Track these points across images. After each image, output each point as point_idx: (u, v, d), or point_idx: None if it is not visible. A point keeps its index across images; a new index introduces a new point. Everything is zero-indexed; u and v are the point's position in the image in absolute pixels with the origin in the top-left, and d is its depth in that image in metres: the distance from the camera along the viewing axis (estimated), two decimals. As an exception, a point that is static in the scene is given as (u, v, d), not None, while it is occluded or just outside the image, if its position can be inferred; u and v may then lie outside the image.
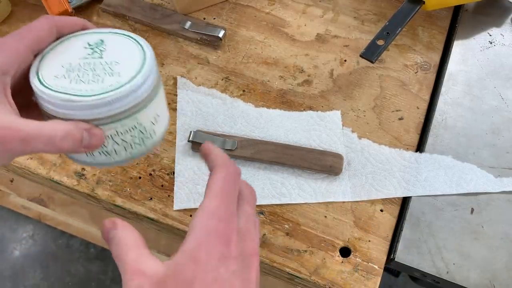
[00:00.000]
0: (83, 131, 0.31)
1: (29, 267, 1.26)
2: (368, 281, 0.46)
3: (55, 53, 0.35)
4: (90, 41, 0.36)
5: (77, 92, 0.31)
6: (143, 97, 0.33)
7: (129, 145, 0.36)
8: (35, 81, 0.32)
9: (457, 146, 0.52)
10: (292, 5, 0.62)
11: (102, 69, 0.34)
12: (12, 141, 0.28)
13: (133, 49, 0.35)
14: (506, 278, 0.46)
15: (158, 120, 0.37)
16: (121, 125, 0.34)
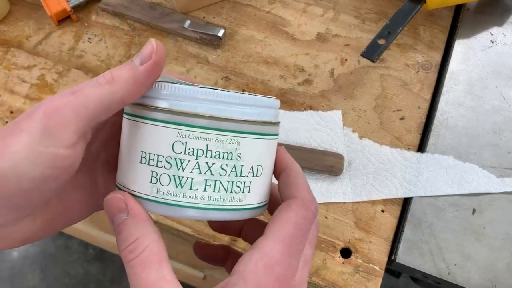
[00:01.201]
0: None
1: (27, 268, 1.26)
2: (369, 282, 0.45)
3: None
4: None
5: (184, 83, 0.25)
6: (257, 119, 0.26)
7: (213, 184, 0.25)
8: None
9: (458, 146, 0.52)
10: (293, 4, 0.62)
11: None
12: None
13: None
14: (507, 279, 0.45)
15: (260, 176, 0.27)
16: (216, 140, 0.25)
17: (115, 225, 0.24)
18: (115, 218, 0.24)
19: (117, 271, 1.24)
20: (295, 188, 0.27)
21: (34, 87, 0.57)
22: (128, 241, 0.23)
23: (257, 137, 0.26)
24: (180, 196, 0.25)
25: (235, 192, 0.26)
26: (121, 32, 0.60)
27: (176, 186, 0.25)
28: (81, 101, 0.22)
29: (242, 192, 0.26)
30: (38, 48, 0.59)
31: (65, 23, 0.61)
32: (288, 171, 0.28)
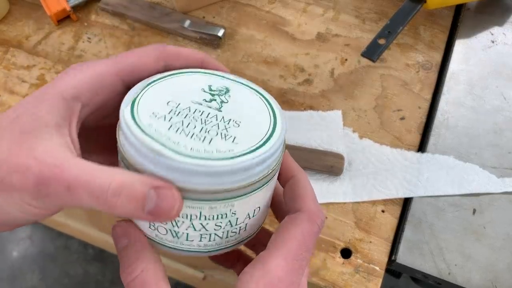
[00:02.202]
0: (150, 189, 0.21)
1: (27, 268, 1.26)
2: (369, 283, 0.45)
3: (164, 85, 0.26)
4: (212, 84, 0.27)
5: (171, 145, 0.22)
6: (251, 181, 0.24)
7: (208, 236, 0.26)
8: (126, 110, 0.24)
9: (459, 146, 0.51)
10: (293, 4, 0.61)
11: (216, 125, 0.24)
12: (54, 184, 0.21)
13: (262, 112, 0.26)
14: (508, 279, 0.45)
15: (257, 214, 0.27)
16: (209, 208, 0.24)
17: (118, 250, 0.25)
18: (118, 243, 0.25)
19: (116, 271, 1.24)
20: (302, 200, 0.26)
21: (33, 87, 0.57)
22: (127, 264, 0.24)
23: (252, 194, 0.25)
24: (178, 244, 0.26)
25: (231, 236, 0.27)
26: (121, 32, 0.60)
27: (173, 237, 0.26)
28: None
29: (238, 234, 0.27)
30: (38, 48, 0.59)
31: (64, 23, 0.61)
32: (296, 180, 0.27)
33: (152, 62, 0.26)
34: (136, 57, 0.26)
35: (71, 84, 0.24)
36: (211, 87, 0.27)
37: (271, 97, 0.28)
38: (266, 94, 0.28)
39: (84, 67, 0.25)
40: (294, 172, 0.27)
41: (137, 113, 0.24)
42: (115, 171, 0.22)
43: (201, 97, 0.26)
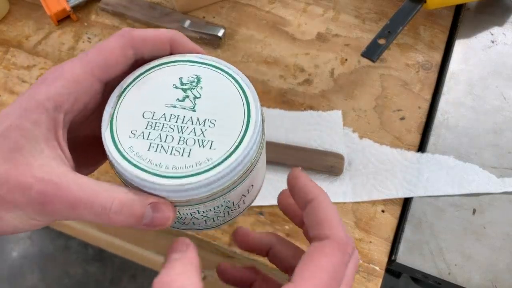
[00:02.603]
0: (147, 206, 0.24)
1: (27, 268, 1.26)
2: (369, 283, 0.45)
3: (136, 92, 0.26)
4: (183, 76, 0.27)
5: (153, 168, 0.24)
6: (238, 176, 0.25)
7: (211, 219, 0.29)
8: (106, 135, 0.25)
9: (459, 146, 0.51)
10: (293, 4, 0.61)
11: (192, 132, 0.25)
12: (57, 203, 0.22)
13: (234, 100, 0.26)
14: (508, 279, 0.45)
15: (251, 189, 0.29)
16: (204, 206, 0.26)
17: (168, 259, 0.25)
18: (173, 254, 0.25)
19: (116, 271, 1.24)
20: (327, 226, 0.25)
21: (33, 87, 0.56)
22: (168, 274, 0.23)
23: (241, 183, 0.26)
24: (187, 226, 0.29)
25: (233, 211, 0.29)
26: (121, 32, 0.60)
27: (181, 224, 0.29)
28: None
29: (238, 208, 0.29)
30: (38, 48, 0.59)
31: (64, 23, 0.61)
32: (317, 204, 0.26)
33: (121, 53, 0.26)
34: (105, 52, 0.26)
35: (50, 94, 0.24)
36: (182, 80, 0.27)
37: (242, 77, 0.27)
38: (237, 75, 0.27)
39: (60, 73, 0.25)
40: (313, 194, 0.26)
41: (117, 135, 0.25)
42: (114, 190, 0.23)
43: (174, 97, 0.26)
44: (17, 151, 0.23)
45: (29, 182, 0.22)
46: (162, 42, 0.27)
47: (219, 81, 0.27)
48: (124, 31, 0.26)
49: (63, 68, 0.25)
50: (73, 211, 0.22)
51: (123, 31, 0.27)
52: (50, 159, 0.23)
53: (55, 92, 0.24)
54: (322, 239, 0.24)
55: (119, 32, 0.26)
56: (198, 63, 0.28)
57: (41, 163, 0.23)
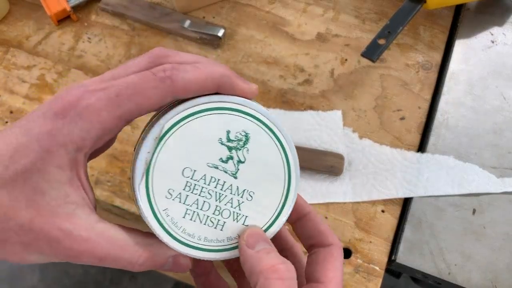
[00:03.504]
0: (169, 258, 0.25)
1: (26, 268, 1.26)
2: (369, 283, 0.45)
3: (177, 140, 0.24)
4: (231, 130, 0.25)
5: (186, 238, 0.24)
6: None
7: None
8: (141, 189, 0.23)
9: (459, 146, 0.51)
10: (293, 4, 0.61)
11: (229, 203, 0.25)
12: (85, 257, 0.23)
13: (276, 172, 0.26)
14: (508, 279, 0.45)
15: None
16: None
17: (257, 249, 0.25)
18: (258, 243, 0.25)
19: (116, 271, 1.24)
20: (329, 234, 0.28)
21: (33, 87, 0.57)
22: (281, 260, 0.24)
23: None
24: None
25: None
26: (121, 32, 0.60)
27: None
28: None
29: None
30: (38, 48, 0.59)
31: (65, 23, 0.61)
32: (313, 216, 0.29)
33: (158, 102, 0.23)
34: (140, 97, 0.23)
35: (74, 136, 0.22)
36: (229, 135, 0.25)
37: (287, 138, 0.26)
38: (283, 136, 0.26)
39: (83, 111, 0.22)
40: (308, 208, 0.29)
41: (152, 191, 0.24)
42: (140, 244, 0.24)
43: (217, 156, 0.24)
44: (40, 196, 0.22)
45: (56, 236, 0.22)
46: (208, 88, 0.25)
47: (265, 144, 0.25)
48: (165, 74, 0.23)
49: (88, 107, 0.23)
50: (100, 263, 0.23)
51: (165, 75, 0.23)
52: (76, 205, 0.23)
53: (78, 135, 0.23)
54: (327, 245, 0.28)
55: (160, 74, 0.23)
56: (249, 115, 0.25)
57: (67, 212, 0.22)
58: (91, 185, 0.25)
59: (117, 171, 0.51)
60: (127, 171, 0.51)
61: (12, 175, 0.22)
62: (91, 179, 0.51)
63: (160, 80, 0.23)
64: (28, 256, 0.23)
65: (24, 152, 0.22)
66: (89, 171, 0.51)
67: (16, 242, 0.22)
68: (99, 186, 0.50)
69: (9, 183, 0.22)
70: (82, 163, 0.23)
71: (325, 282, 0.26)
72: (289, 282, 0.24)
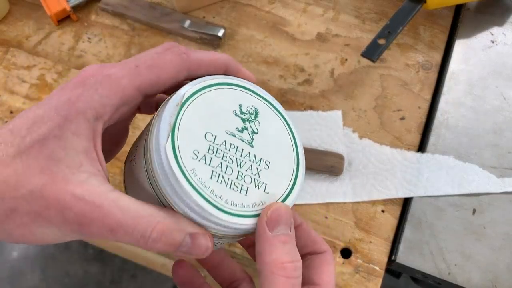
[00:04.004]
0: (186, 236, 0.23)
1: (27, 268, 1.26)
2: (369, 283, 0.45)
3: (197, 107, 0.25)
4: (243, 104, 0.27)
5: (214, 199, 0.23)
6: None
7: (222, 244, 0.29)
8: (168, 149, 0.23)
9: (459, 146, 0.51)
10: (293, 4, 0.61)
11: (249, 169, 0.25)
12: (97, 226, 0.21)
13: (286, 144, 0.28)
14: (508, 279, 0.45)
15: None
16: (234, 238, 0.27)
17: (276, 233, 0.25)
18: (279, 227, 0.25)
19: (116, 271, 1.24)
20: (322, 242, 0.30)
21: (33, 87, 0.57)
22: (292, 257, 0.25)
23: None
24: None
25: None
26: (121, 32, 0.60)
27: None
28: None
29: None
30: (38, 48, 0.59)
31: (64, 23, 0.61)
32: (306, 226, 0.30)
33: (175, 75, 0.25)
34: (158, 70, 0.25)
35: (93, 103, 0.23)
36: (241, 108, 0.27)
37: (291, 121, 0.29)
38: (288, 118, 0.28)
39: (104, 79, 0.23)
40: (298, 220, 0.30)
41: (179, 152, 0.23)
42: (154, 215, 0.22)
43: (234, 125, 0.26)
44: (54, 163, 0.21)
45: (68, 201, 0.21)
46: (217, 67, 0.27)
47: (273, 119, 0.28)
48: (181, 50, 0.25)
49: (109, 75, 0.23)
50: (111, 235, 0.22)
51: (180, 51, 0.25)
52: (89, 174, 0.22)
53: (98, 101, 0.23)
54: (321, 252, 0.30)
55: (176, 50, 0.25)
56: (256, 94, 0.28)
57: (81, 179, 0.22)
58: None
59: (117, 171, 0.51)
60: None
61: (28, 144, 0.21)
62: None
63: (177, 54, 0.25)
64: (35, 228, 0.22)
65: (41, 121, 0.22)
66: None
67: (25, 211, 0.21)
68: (99, 186, 0.50)
69: (25, 151, 0.21)
70: (99, 134, 0.23)
71: (321, 285, 0.28)
72: (293, 280, 0.24)
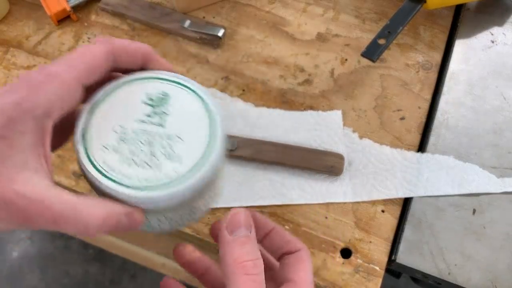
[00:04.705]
0: (121, 216, 0.26)
1: (27, 268, 1.26)
2: (369, 283, 0.45)
3: (107, 106, 0.29)
4: (151, 92, 0.29)
5: (126, 181, 0.26)
6: (203, 187, 0.28)
7: (176, 222, 0.31)
8: (80, 149, 0.27)
9: (459, 146, 0.51)
10: (293, 4, 0.61)
11: (161, 146, 0.28)
12: (40, 220, 0.24)
13: (199, 116, 0.29)
14: (508, 279, 0.45)
15: (214, 195, 0.32)
16: (172, 212, 0.29)
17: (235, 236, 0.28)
18: (238, 230, 0.28)
19: (116, 271, 1.24)
20: (296, 242, 0.32)
21: (33, 87, 0.57)
22: (251, 256, 0.27)
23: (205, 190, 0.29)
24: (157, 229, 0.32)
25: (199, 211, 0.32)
26: (121, 32, 0.60)
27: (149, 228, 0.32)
28: None
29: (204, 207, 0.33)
30: (38, 48, 0.59)
31: (64, 23, 0.61)
32: (279, 229, 0.32)
33: (104, 59, 0.27)
34: (89, 57, 0.27)
35: (40, 101, 0.24)
36: (151, 96, 0.29)
37: (208, 95, 0.30)
38: (202, 93, 0.30)
39: (47, 77, 0.25)
40: (271, 224, 0.32)
41: (90, 149, 0.27)
42: (93, 206, 0.25)
43: (143, 113, 0.29)
44: (1, 162, 0.23)
45: (11, 198, 0.22)
46: (137, 53, 0.30)
47: (186, 98, 0.30)
48: (105, 39, 0.28)
49: (50, 73, 0.25)
50: (55, 226, 0.24)
51: (104, 39, 0.28)
52: (33, 172, 0.24)
53: (45, 98, 0.24)
54: (296, 251, 0.31)
55: (100, 39, 0.28)
56: (167, 80, 0.30)
57: (24, 177, 0.23)
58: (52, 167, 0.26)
59: (117, 171, 0.51)
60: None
61: None
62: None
63: (102, 42, 0.28)
64: None
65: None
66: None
67: None
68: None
69: None
70: (48, 130, 0.25)
71: (297, 281, 0.29)
72: (254, 277, 0.26)
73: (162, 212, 0.29)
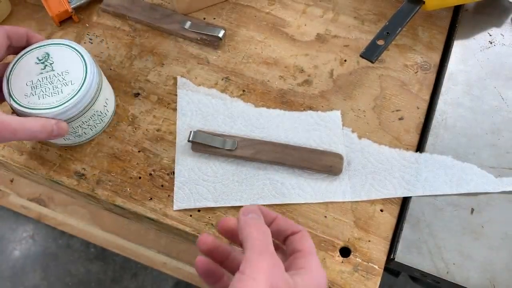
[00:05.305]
0: (53, 125, 0.45)
1: (29, 267, 1.26)
2: (368, 281, 0.46)
3: (17, 74, 0.47)
4: (38, 55, 0.48)
5: (46, 106, 0.45)
6: (93, 93, 0.48)
7: (93, 126, 0.51)
8: (13, 103, 0.46)
9: (457, 146, 0.52)
10: (292, 5, 0.62)
11: (57, 81, 0.47)
12: (5, 132, 0.42)
13: (73, 56, 0.48)
14: (506, 279, 0.46)
15: (108, 101, 0.52)
16: (84, 117, 0.48)
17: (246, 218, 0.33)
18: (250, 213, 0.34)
19: (118, 270, 1.24)
20: (296, 226, 0.36)
21: (36, 88, 0.57)
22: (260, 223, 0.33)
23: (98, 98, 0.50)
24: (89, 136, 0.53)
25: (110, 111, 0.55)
26: (122, 33, 0.60)
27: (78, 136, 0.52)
28: None
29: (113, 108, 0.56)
30: (40, 49, 0.60)
31: (66, 24, 0.61)
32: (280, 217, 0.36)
33: (4, 41, 0.46)
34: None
35: None
36: (38, 58, 0.48)
37: (75, 44, 0.49)
38: (70, 43, 0.49)
39: None
40: (274, 214, 0.36)
41: (17, 100, 0.46)
42: (34, 120, 0.44)
43: (38, 68, 0.47)
44: None
45: None
46: (23, 33, 0.48)
47: (60, 49, 0.49)
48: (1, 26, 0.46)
49: None
50: (14, 136, 0.42)
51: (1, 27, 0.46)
52: None
53: None
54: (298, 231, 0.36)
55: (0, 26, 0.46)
56: (44, 45, 0.49)
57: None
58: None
59: (118, 170, 0.52)
60: (128, 171, 0.52)
61: None
62: (93, 178, 0.51)
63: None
64: None
65: None
66: (90, 171, 0.52)
67: None
68: (101, 186, 0.51)
69: None
70: None
71: (304, 250, 0.34)
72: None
73: (78, 120, 0.48)
